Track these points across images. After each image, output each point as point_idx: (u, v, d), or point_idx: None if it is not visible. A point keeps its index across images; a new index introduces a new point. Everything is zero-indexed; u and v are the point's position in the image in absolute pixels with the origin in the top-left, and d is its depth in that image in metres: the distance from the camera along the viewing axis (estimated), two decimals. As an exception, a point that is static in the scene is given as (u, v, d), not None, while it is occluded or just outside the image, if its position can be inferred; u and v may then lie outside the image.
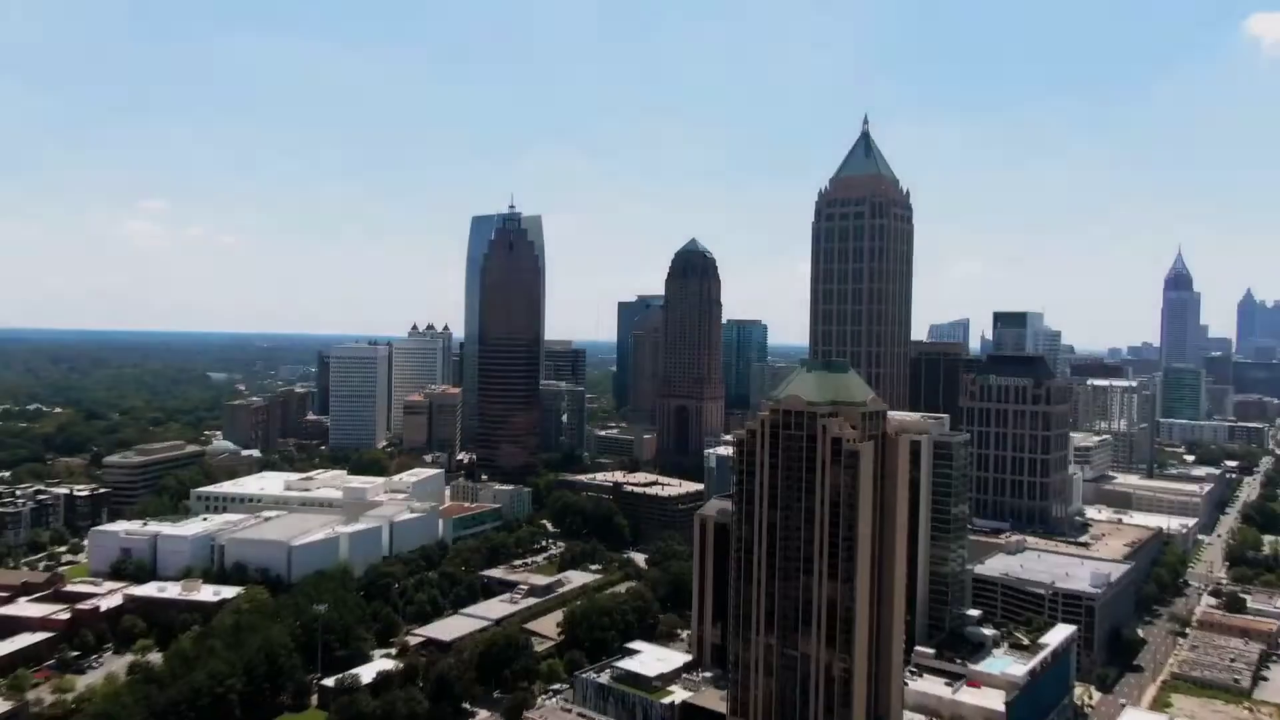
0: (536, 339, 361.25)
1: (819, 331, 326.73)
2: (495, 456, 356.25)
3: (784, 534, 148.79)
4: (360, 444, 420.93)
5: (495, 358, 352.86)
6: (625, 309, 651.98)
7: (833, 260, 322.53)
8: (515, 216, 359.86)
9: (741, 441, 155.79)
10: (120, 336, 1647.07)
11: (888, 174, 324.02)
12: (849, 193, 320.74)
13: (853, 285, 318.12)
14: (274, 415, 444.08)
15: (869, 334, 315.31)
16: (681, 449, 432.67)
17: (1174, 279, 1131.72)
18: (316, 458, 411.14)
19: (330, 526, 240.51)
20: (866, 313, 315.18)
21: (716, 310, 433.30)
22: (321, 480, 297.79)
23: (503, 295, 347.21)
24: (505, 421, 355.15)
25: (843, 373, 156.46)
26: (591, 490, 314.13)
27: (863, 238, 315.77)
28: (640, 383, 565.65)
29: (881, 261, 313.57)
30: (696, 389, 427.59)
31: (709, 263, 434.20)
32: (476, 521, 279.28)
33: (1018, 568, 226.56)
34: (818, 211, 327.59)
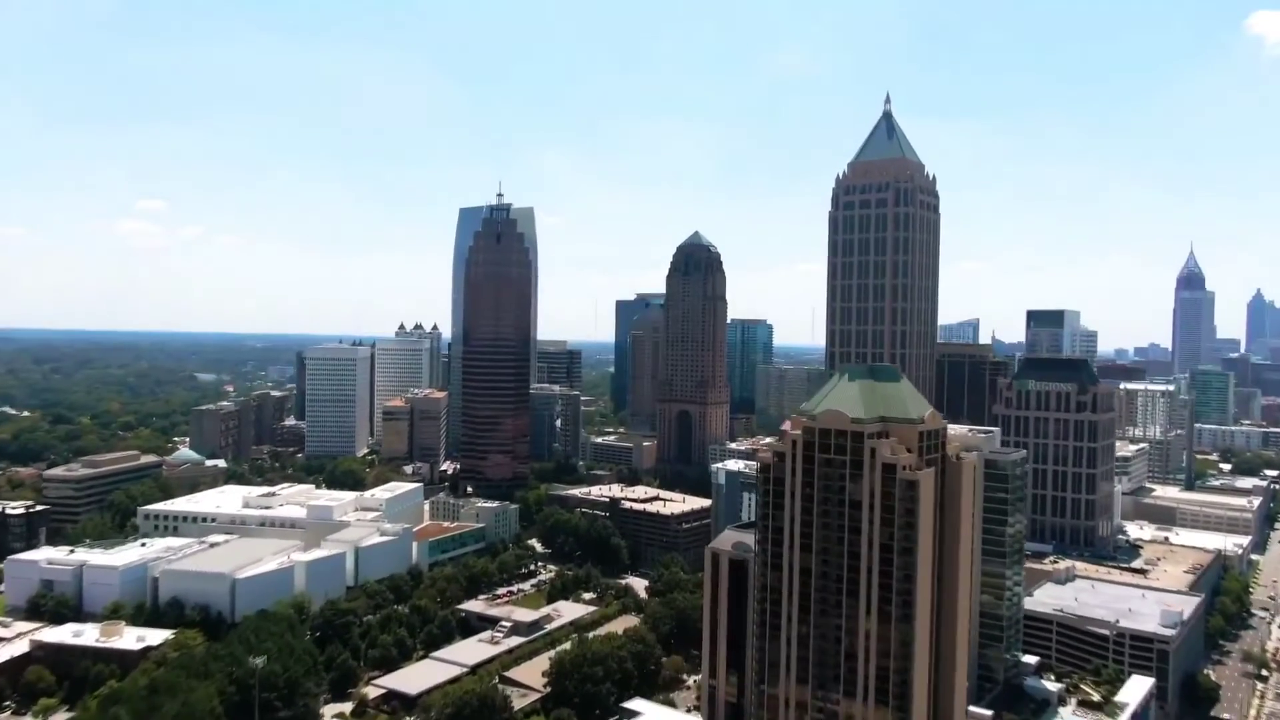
0: (526, 339, 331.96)
1: (836, 332, 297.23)
2: (482, 467, 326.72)
3: (821, 580, 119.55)
4: (339, 452, 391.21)
5: (481, 359, 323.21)
6: (624, 307, 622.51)
7: (851, 253, 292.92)
8: (503, 207, 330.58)
9: (767, 466, 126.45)
10: (114, 336, 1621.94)
11: (912, 158, 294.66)
12: (870, 178, 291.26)
13: (874, 281, 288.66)
14: (247, 421, 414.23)
15: (892, 335, 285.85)
16: (684, 457, 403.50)
17: (1186, 278, 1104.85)
18: (290, 468, 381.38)
19: (286, 554, 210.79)
20: (890, 311, 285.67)
21: (721, 308, 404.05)
22: (286, 496, 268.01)
23: (489, 291, 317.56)
24: (492, 429, 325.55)
25: (893, 381, 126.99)
26: (586, 506, 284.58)
27: (885, 228, 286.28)
28: (640, 385, 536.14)
29: (906, 254, 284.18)
30: (699, 393, 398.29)
31: (713, 257, 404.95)
32: (456, 544, 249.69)
33: (1072, 601, 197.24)
34: (835, 199, 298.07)
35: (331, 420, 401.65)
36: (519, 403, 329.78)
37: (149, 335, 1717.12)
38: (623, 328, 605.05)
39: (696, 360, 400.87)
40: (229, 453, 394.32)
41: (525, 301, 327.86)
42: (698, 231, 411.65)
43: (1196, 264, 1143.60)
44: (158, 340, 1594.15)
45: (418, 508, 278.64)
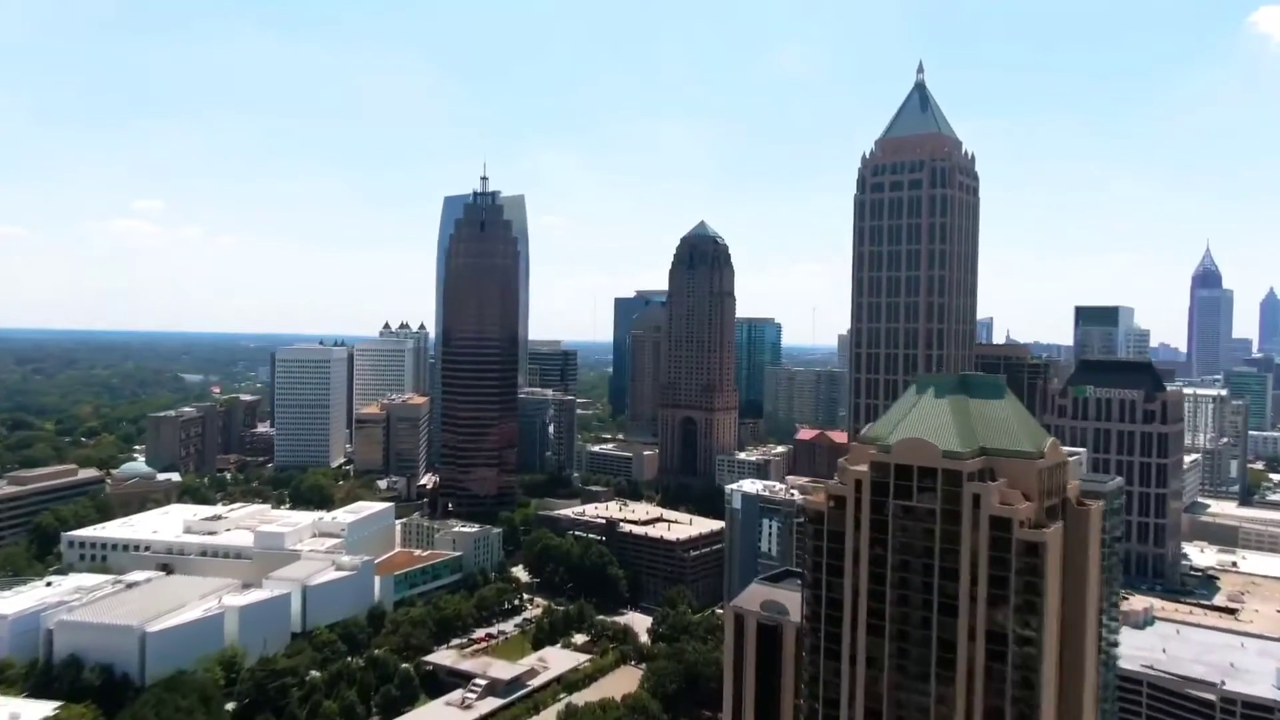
0: (514, 338, 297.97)
1: (862, 330, 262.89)
2: (464, 481, 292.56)
3: (898, 675, 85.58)
4: (311, 463, 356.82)
5: (462, 360, 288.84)
6: (622, 305, 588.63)
7: (880, 241, 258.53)
8: (489, 193, 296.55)
9: (819, 514, 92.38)
10: (106, 336, 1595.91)
11: (949, 134, 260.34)
12: (901, 156, 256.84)
13: (906, 273, 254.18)
14: (212, 428, 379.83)
15: (927, 334, 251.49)
16: (688, 468, 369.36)
17: (1202, 276, 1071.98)
18: (255, 481, 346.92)
19: (218, 595, 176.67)
20: (924, 307, 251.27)
21: (729, 305, 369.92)
22: (235, 519, 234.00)
23: (472, 284, 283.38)
24: (476, 439, 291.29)
25: (996, 398, 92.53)
26: (580, 528, 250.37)
27: (919, 212, 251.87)
28: (639, 388, 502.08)
29: (943, 242, 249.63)
30: (705, 398, 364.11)
31: (720, 249, 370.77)
32: (427, 577, 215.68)
33: (1160, 654, 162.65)
34: (861, 181, 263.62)
35: (303, 428, 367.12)
36: (505, 409, 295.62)
37: (141, 335, 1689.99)
38: (621, 327, 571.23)
39: (702, 362, 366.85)
40: (190, 464, 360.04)
41: (512, 296, 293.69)
42: (704, 222, 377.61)
43: (1213, 261, 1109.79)
44: (150, 340, 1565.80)
45: (387, 532, 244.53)
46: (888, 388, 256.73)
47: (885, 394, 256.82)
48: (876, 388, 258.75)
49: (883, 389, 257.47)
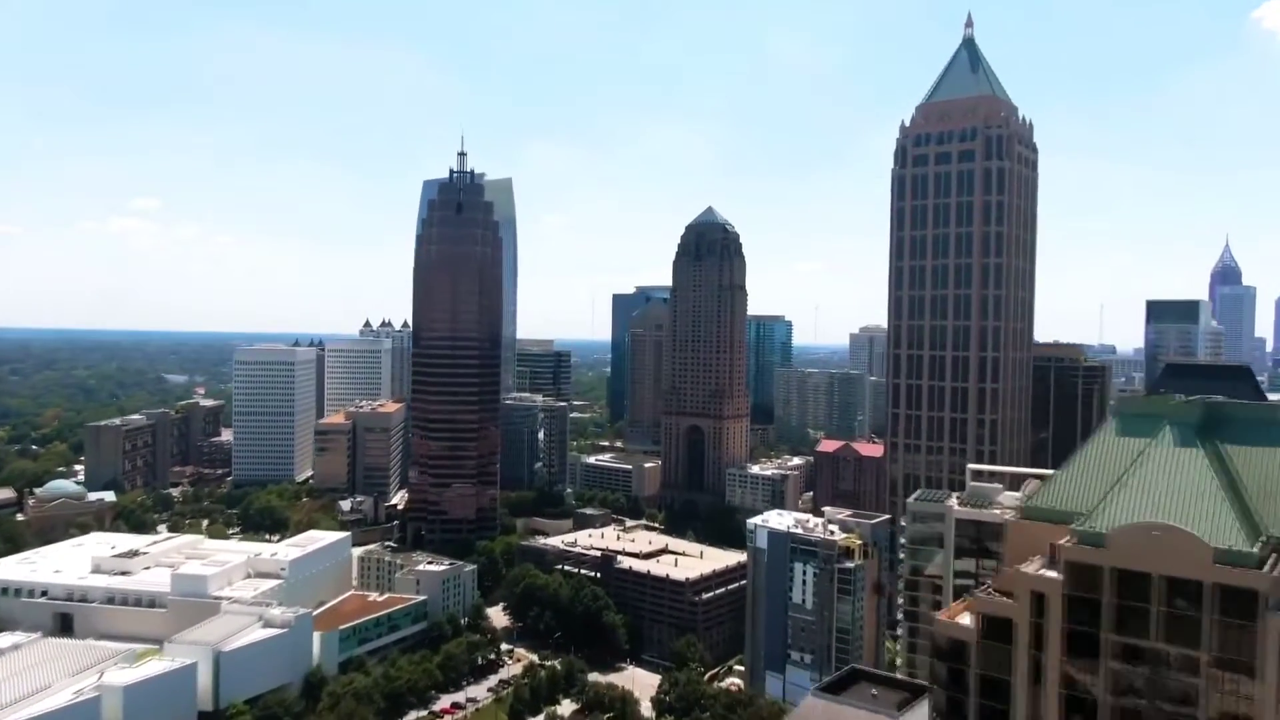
0: (496, 336, 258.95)
1: (902, 329, 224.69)
2: (438, 502, 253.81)
3: None
4: (273, 478, 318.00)
5: (435, 362, 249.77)
6: (621, 302, 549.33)
7: (923, 224, 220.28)
8: (467, 171, 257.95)
9: (959, 647, 53.32)
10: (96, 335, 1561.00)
11: (1004, 97, 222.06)
12: (948, 124, 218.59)
13: (956, 260, 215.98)
14: (164, 438, 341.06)
15: (980, 332, 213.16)
16: (695, 482, 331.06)
17: (1222, 272, 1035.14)
18: (207, 499, 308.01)
19: (100, 668, 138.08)
20: (978, 301, 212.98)
21: (740, 299, 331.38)
22: (158, 554, 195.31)
23: (445, 274, 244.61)
24: (451, 453, 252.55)
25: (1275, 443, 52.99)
26: (570, 562, 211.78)
27: (970, 188, 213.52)
28: (639, 391, 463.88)
29: (1000, 224, 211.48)
30: (714, 404, 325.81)
31: (730, 238, 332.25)
32: (382, 629, 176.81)
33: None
34: (899, 153, 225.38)
35: (264, 439, 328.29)
36: (486, 417, 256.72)
37: (132, 334, 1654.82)
38: (620, 325, 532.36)
39: (710, 364, 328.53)
40: (137, 479, 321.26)
41: (494, 288, 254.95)
42: (711, 208, 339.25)
43: (1232, 257, 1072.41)
44: (140, 339, 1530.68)
45: (340, 569, 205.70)
46: (934, 395, 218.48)
47: (932, 403, 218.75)
48: (920, 396, 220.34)
49: (928, 397, 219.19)
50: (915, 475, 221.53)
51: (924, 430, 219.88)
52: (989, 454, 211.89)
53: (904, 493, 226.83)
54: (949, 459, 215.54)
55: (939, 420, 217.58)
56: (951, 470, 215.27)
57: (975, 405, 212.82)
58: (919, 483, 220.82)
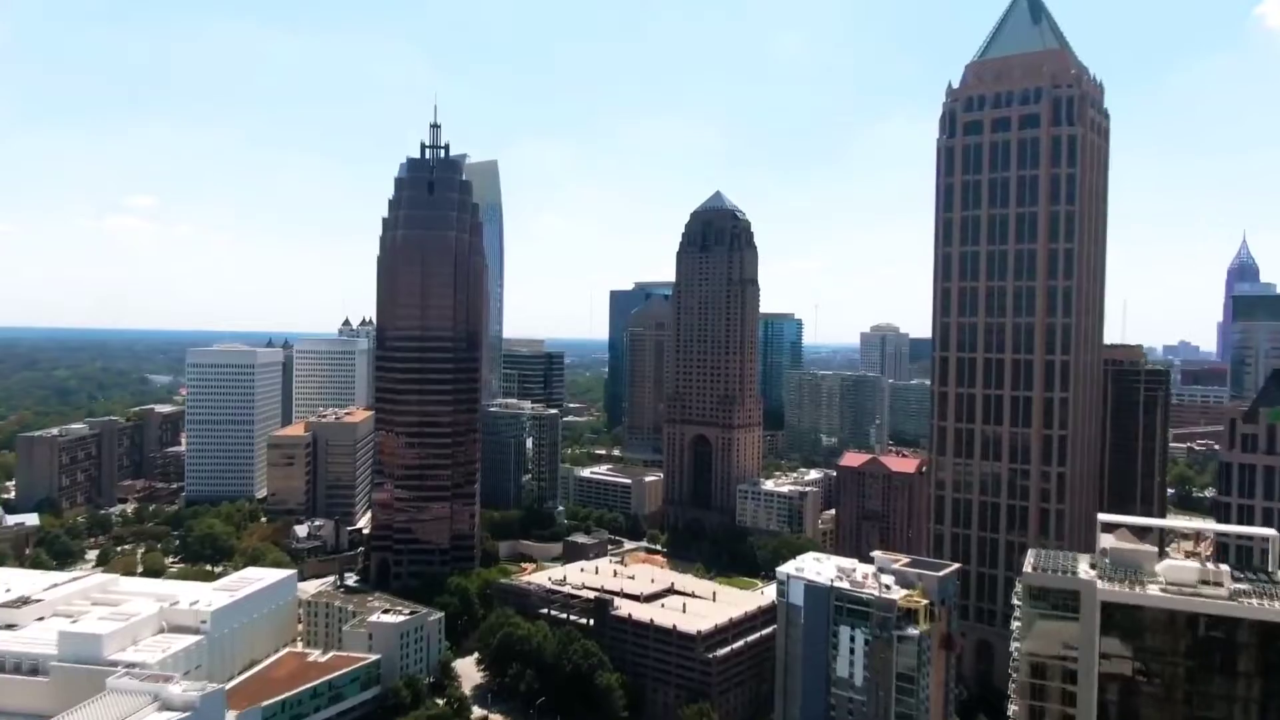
0: (475, 334, 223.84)
1: (950, 326, 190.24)
2: (408, 526, 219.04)
3: None
4: (229, 494, 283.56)
5: (401, 363, 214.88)
6: (619, 299, 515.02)
7: (975, 201, 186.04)
8: (440, 146, 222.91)
9: None
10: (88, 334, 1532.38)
11: (1071, 53, 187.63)
12: (1005, 84, 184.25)
13: (1017, 246, 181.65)
14: (110, 449, 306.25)
15: (1046, 331, 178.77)
16: (701, 499, 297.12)
17: (1238, 270, 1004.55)
18: (153, 519, 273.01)
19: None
20: (1043, 294, 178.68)
21: (751, 295, 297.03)
22: (56, 600, 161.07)
23: (415, 264, 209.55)
24: (422, 470, 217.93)
25: None
26: (557, 606, 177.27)
27: (1035, 160, 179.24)
28: (639, 394, 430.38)
29: (1070, 202, 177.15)
30: (723, 412, 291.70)
31: (741, 226, 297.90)
32: (322, 701, 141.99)
33: None
34: (946, 120, 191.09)
35: (219, 451, 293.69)
36: (463, 427, 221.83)
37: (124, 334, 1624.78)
38: (618, 324, 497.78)
39: (718, 367, 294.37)
40: (77, 496, 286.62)
41: (472, 280, 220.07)
42: (719, 193, 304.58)
43: (1250, 254, 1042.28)
44: (130, 339, 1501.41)
45: (280, 618, 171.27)
46: (990, 406, 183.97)
47: (987, 415, 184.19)
48: (973, 407, 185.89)
49: (982, 408, 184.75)
50: (966, 500, 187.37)
51: (977, 447, 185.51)
52: (1057, 476, 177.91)
53: (951, 519, 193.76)
54: (1009, 481, 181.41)
55: (995, 436, 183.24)
56: (1011, 495, 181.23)
57: (1041, 418, 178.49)
58: (970, 510, 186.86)
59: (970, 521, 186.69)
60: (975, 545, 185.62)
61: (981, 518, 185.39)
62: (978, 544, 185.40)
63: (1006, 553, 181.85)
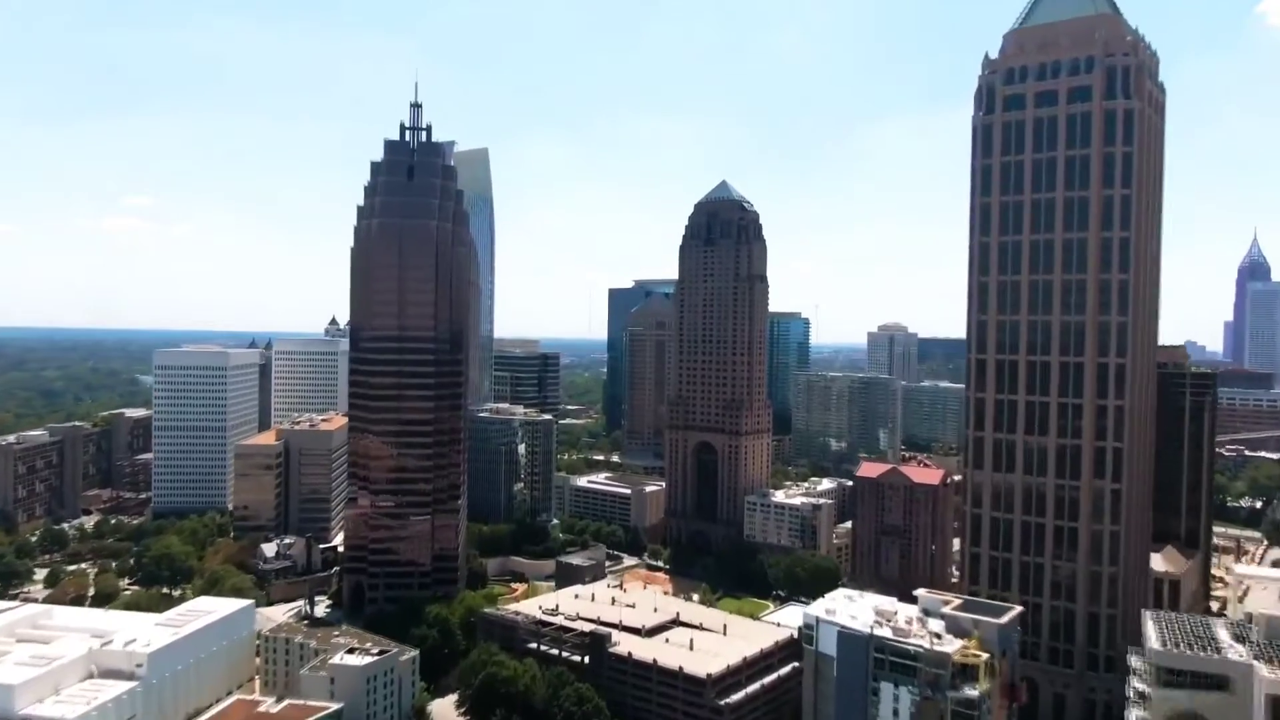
0: (458, 333, 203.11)
1: (987, 325, 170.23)
2: (388, 544, 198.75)
3: None
4: (200, 505, 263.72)
5: (377, 367, 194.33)
6: (618, 298, 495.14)
7: (1018, 184, 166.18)
8: (422, 128, 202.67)
9: None
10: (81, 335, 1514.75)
11: (1123, 20, 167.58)
12: (1053, 52, 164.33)
13: (1064, 235, 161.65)
14: (73, 457, 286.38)
15: (1098, 330, 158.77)
16: (705, 511, 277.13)
17: (1250, 268, 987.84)
18: (113, 535, 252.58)
19: None
20: (1095, 288, 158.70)
21: (760, 292, 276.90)
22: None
23: (392, 257, 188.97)
24: (400, 483, 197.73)
25: None
26: (548, 640, 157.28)
27: (1086, 137, 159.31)
28: (639, 397, 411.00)
29: (1125, 186, 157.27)
30: (730, 418, 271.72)
31: (749, 218, 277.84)
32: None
33: None
34: (984, 94, 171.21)
35: (188, 460, 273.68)
36: (444, 436, 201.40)
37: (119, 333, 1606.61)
38: (616, 324, 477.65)
39: (724, 369, 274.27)
40: (36, 508, 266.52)
41: (457, 273, 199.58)
42: (725, 182, 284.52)
43: (1261, 252, 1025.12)
44: (125, 338, 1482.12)
45: (236, 655, 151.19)
46: (1034, 415, 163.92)
47: (1031, 425, 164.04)
48: (1014, 414, 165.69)
49: (1024, 417, 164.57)
50: (1007, 520, 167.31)
51: (1019, 460, 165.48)
52: (1111, 494, 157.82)
53: (989, 540, 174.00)
54: (1055, 498, 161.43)
55: (1040, 448, 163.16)
56: (1059, 514, 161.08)
57: (1092, 428, 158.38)
58: (1011, 531, 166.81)
59: (1011, 543, 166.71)
60: (1016, 570, 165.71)
61: (1024, 539, 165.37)
62: (1019, 569, 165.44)
63: (1052, 579, 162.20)
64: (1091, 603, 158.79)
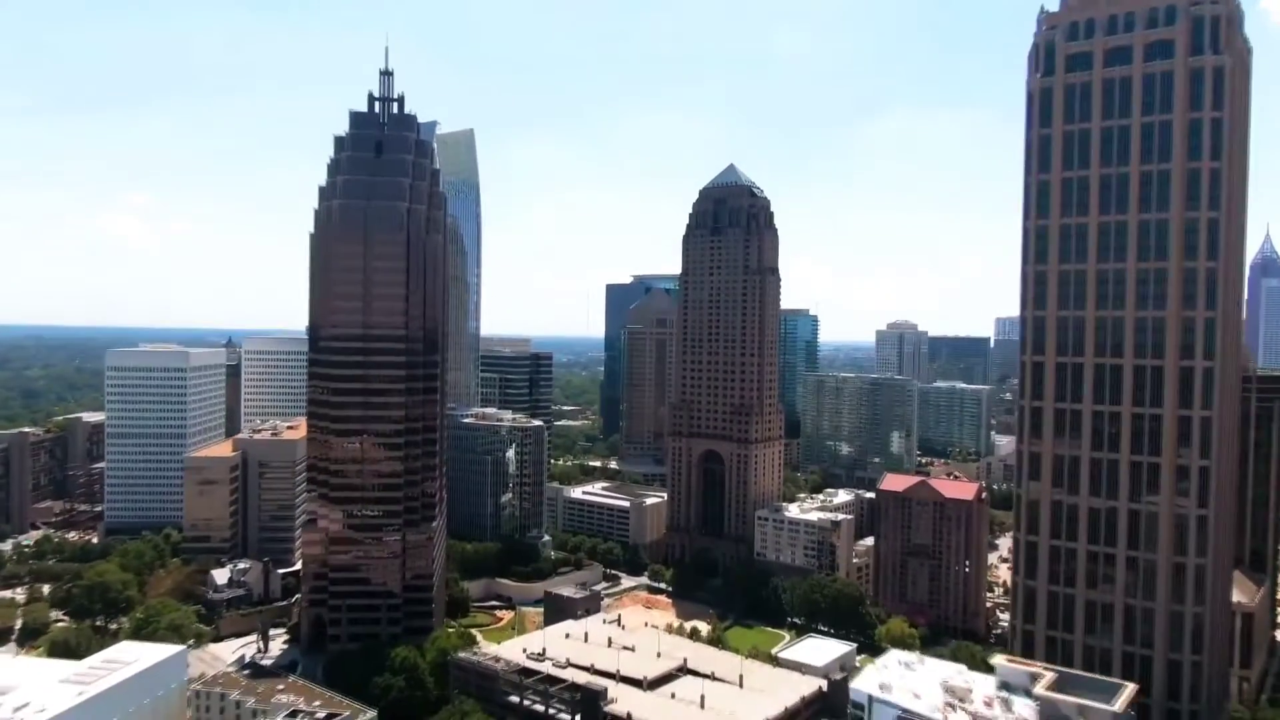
0: (433, 330, 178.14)
1: (1046, 323, 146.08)
2: (355, 567, 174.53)
3: None
4: (157, 522, 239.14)
5: (338, 369, 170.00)
6: (617, 294, 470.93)
7: (1083, 158, 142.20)
8: (393, 99, 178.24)
9: None
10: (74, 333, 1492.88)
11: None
12: (1122, 2, 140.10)
13: (1140, 216, 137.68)
14: (23, 465, 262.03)
15: (1181, 327, 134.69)
16: (712, 527, 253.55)
17: (1262, 264, 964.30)
18: (56, 554, 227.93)
19: None
20: (1176, 281, 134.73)
21: (771, 287, 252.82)
22: None
23: (356, 243, 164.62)
24: (366, 495, 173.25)
25: None
26: (533, 692, 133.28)
27: (1166, 101, 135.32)
28: (638, 400, 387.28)
29: (1214, 158, 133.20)
30: (739, 424, 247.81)
31: (760, 205, 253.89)
32: None
33: None
34: (1039, 55, 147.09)
35: (143, 471, 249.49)
36: (418, 446, 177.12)
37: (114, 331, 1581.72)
38: (614, 322, 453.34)
39: (732, 370, 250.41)
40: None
41: (431, 263, 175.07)
42: (733, 166, 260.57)
43: (1274, 248, 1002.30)
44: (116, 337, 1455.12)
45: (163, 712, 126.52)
46: (1103, 427, 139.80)
47: (1097, 439, 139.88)
48: (1077, 426, 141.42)
49: (1090, 429, 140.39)
50: (1069, 550, 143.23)
51: (1084, 481, 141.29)
52: (1196, 520, 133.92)
53: (1048, 574, 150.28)
54: (1129, 526, 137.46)
55: (1110, 465, 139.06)
56: (1133, 543, 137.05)
57: (1173, 443, 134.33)
58: (1074, 562, 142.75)
59: (1073, 577, 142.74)
60: (1080, 609, 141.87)
61: (1090, 573, 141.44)
62: (1084, 607, 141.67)
63: (1124, 619, 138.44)
64: (1172, 649, 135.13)
